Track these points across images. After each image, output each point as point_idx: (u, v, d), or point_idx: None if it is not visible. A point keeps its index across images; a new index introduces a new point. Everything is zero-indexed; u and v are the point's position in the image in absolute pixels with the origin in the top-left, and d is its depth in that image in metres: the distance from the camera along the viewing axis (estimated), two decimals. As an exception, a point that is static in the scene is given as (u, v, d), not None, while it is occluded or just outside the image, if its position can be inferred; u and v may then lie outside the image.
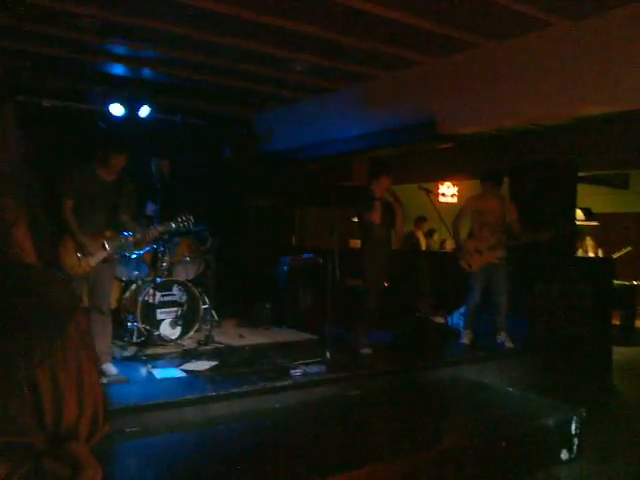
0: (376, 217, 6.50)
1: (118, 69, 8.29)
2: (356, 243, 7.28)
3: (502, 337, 7.06)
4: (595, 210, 11.48)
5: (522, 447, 4.49)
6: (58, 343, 0.95)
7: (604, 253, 11.27)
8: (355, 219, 6.72)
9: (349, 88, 8.88)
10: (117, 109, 8.26)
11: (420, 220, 11.93)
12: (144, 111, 8.52)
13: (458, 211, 7.35)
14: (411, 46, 7.17)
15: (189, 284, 6.93)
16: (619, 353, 7.99)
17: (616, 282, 9.09)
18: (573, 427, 4.74)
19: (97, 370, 1.05)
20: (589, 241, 11.58)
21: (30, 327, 0.93)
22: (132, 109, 8.40)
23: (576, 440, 4.75)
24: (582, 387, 6.51)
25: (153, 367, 5.63)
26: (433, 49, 7.26)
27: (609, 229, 12.29)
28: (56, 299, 0.98)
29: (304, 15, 6.25)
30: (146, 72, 8.46)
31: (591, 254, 11.22)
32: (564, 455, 4.69)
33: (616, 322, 9.37)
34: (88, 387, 0.99)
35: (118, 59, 7.87)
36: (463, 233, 7.29)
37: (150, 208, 7.60)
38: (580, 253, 10.97)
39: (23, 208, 1.04)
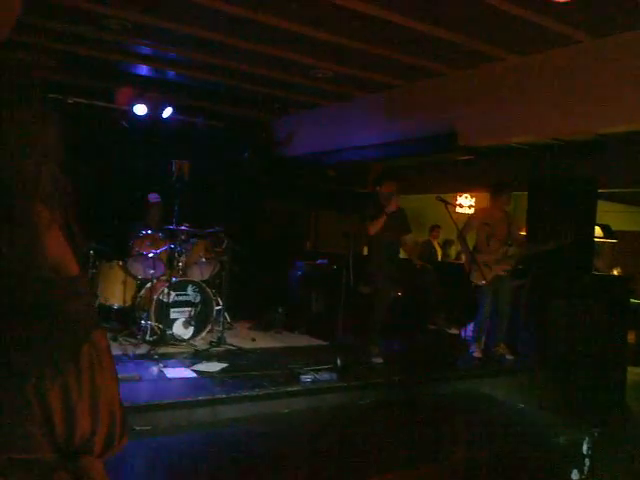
0: (373, 230, 6.51)
1: (143, 70, 8.36)
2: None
3: (501, 349, 7.06)
4: (614, 228, 11.39)
5: (532, 465, 4.46)
6: (71, 361, 0.94)
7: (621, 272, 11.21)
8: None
9: (370, 96, 8.89)
10: (140, 109, 8.34)
11: (434, 228, 11.84)
12: (167, 112, 8.59)
13: (465, 223, 7.32)
14: (434, 57, 7.17)
15: (203, 285, 6.96)
16: (633, 373, 7.92)
17: (633, 301, 9.01)
18: (585, 447, 4.69)
19: (117, 388, 1.04)
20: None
21: (43, 344, 0.92)
22: (155, 110, 8.48)
23: (588, 460, 4.71)
24: (595, 406, 6.45)
25: (164, 366, 5.65)
26: (456, 61, 7.25)
27: (627, 247, 12.21)
28: (74, 317, 0.97)
29: (327, 23, 6.28)
30: (170, 74, 8.53)
31: None
32: (575, 475, 4.65)
33: (631, 341, 9.28)
34: (104, 404, 0.98)
35: (144, 60, 7.93)
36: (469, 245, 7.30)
37: (153, 197, 7.67)
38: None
39: (57, 215, 1.02)
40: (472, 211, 13.46)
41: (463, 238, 7.17)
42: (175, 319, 6.69)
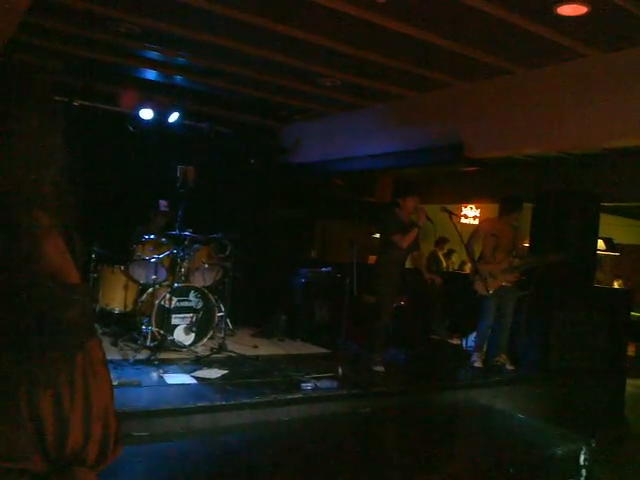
0: (406, 243, 6.49)
1: (151, 74, 8.38)
2: (374, 259, 7.27)
3: (502, 360, 7.04)
4: (616, 241, 11.40)
5: (529, 475, 4.43)
6: (64, 371, 0.93)
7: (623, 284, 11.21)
8: (377, 235, 6.71)
9: (378, 106, 8.91)
10: (147, 113, 8.35)
11: (441, 241, 11.87)
12: (173, 117, 8.60)
13: (472, 233, 7.33)
14: (442, 69, 7.19)
15: (206, 291, 6.95)
16: (632, 385, 7.91)
17: (634, 314, 9.00)
18: (582, 458, 4.66)
19: (112, 399, 1.03)
20: None
21: (37, 352, 0.91)
22: (161, 114, 8.49)
23: (584, 471, 4.68)
24: (593, 418, 6.44)
25: (164, 372, 5.64)
26: (464, 73, 7.27)
27: (629, 260, 12.22)
28: (68, 325, 0.96)
29: (337, 32, 6.30)
30: (178, 79, 8.56)
31: None
32: (571, 487, 4.63)
33: (631, 354, 9.28)
34: (96, 415, 0.97)
35: (151, 64, 7.96)
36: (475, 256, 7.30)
37: (163, 204, 7.68)
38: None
39: (56, 222, 1.01)
40: (477, 222, 13.49)
41: (470, 248, 7.16)
42: (176, 325, 6.67)
